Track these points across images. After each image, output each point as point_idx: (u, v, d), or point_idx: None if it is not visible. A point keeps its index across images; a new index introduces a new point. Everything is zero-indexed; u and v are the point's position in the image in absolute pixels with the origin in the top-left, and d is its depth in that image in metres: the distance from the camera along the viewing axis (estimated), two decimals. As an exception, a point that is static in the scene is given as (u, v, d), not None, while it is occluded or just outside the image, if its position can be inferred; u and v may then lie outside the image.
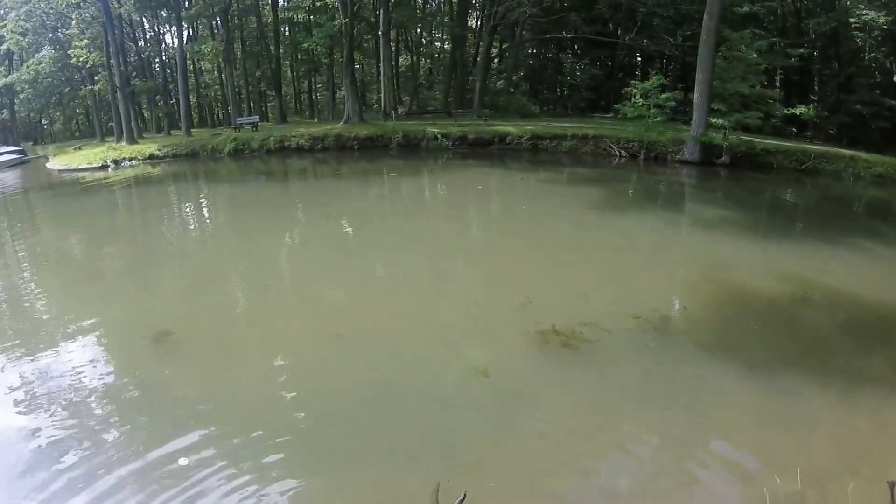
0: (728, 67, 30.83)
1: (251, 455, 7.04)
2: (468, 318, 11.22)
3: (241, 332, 11.08)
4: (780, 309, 11.82)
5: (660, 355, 9.59)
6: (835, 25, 41.00)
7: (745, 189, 27.22)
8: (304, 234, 19.72)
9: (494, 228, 19.82)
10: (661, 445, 7.43)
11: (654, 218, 20.56)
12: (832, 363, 9.68)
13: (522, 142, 36.35)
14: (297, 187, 29.87)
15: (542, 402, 8.21)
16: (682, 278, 14.04)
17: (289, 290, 13.70)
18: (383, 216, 22.26)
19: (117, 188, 31.69)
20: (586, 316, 10.53)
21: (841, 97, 40.20)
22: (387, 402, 8.19)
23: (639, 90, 32.50)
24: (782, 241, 17.74)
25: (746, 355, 9.72)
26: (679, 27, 47.75)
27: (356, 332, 10.42)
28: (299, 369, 9.31)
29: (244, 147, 40.16)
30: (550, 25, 50.57)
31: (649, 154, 32.58)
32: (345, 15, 40.48)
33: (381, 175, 32.02)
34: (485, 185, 27.34)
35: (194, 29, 59.84)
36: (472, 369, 8.81)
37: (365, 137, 38.91)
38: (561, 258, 15.36)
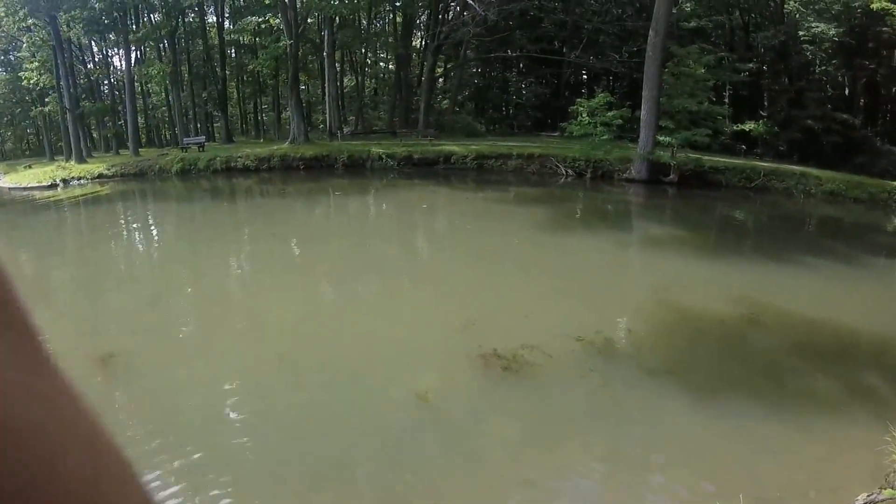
0: (676, 84, 30.36)
1: (192, 479, 6.80)
2: (411, 341, 10.91)
3: (185, 353, 10.74)
4: (728, 330, 11.55)
5: (604, 379, 9.34)
6: (784, 39, 40.58)
7: (694, 207, 26.91)
8: (249, 254, 19.47)
9: (439, 249, 19.65)
10: (604, 472, 7.30)
11: (600, 237, 20.30)
12: (782, 386, 9.50)
13: (468, 161, 35.94)
14: (243, 207, 29.65)
15: (483, 429, 8.03)
16: (629, 299, 13.72)
17: (233, 311, 13.38)
18: (328, 235, 21.92)
19: (66, 207, 31.54)
20: (529, 338, 10.11)
21: (791, 112, 39.53)
22: (327, 428, 7.97)
23: (585, 108, 31.99)
24: (731, 261, 17.45)
25: (694, 379, 9.51)
26: (625, 43, 47.73)
27: (299, 353, 10.23)
28: (242, 391, 9.09)
29: (191, 167, 40.11)
30: (495, 44, 50.19)
31: (596, 173, 32.21)
32: (290, 36, 40.20)
33: (327, 194, 31.74)
34: (430, 205, 27.13)
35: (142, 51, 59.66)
36: (414, 394, 8.53)
37: (311, 157, 38.70)
38: (505, 279, 15.13)
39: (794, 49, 41.47)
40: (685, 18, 40.78)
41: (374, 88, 64.52)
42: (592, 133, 31.12)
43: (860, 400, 8.93)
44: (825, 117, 37.78)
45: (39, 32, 48.58)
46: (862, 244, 21.06)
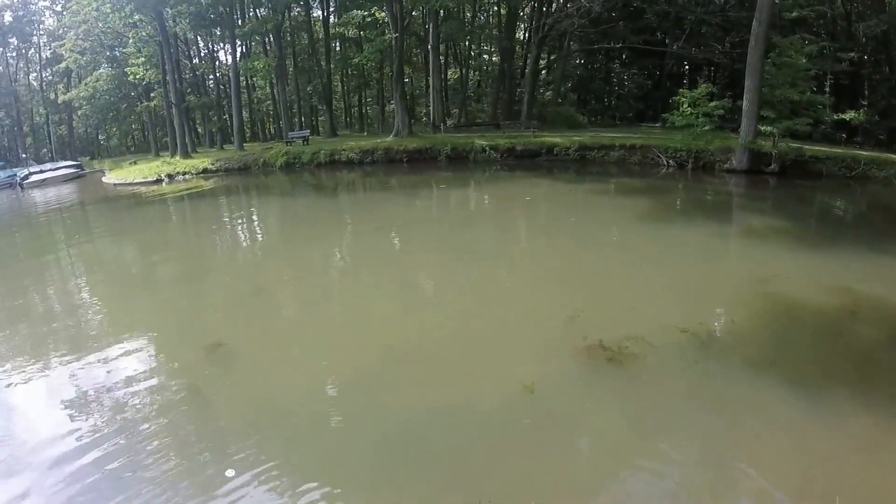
0: (777, 74, 30.53)
1: (297, 471, 7.22)
2: (515, 332, 11.23)
3: (288, 345, 11.27)
4: (829, 322, 11.59)
5: (706, 372, 9.47)
6: (886, 28, 40.06)
7: (794, 198, 26.99)
8: (352, 247, 20.03)
9: (542, 240, 19.88)
10: (697, 468, 7.35)
11: (701, 228, 20.46)
12: (881, 383, 9.26)
13: (570, 153, 36.58)
14: (346, 200, 30.37)
15: (584, 421, 8.21)
16: (731, 291, 13.67)
17: (337, 303, 13.92)
18: (431, 228, 22.59)
19: (171, 201, 32.87)
20: (633, 330, 10.52)
21: (892, 101, 39.47)
22: (432, 419, 8.21)
23: (687, 99, 32.45)
24: (831, 251, 17.46)
25: (793, 372, 9.49)
26: (727, 34, 47.46)
27: (404, 346, 10.54)
28: (346, 384, 9.41)
29: (295, 161, 41.13)
30: (598, 36, 50.66)
31: (697, 163, 32.62)
32: (395, 30, 41.10)
33: (430, 187, 32.40)
34: (532, 197, 27.43)
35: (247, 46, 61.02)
36: (519, 385, 8.78)
37: (414, 150, 39.55)
38: (608, 270, 15.40)
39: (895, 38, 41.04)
40: (788, 8, 40.33)
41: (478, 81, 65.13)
42: (694, 123, 31.61)
43: None
44: (926, 106, 37.35)
45: (146, 28, 50.75)
46: None
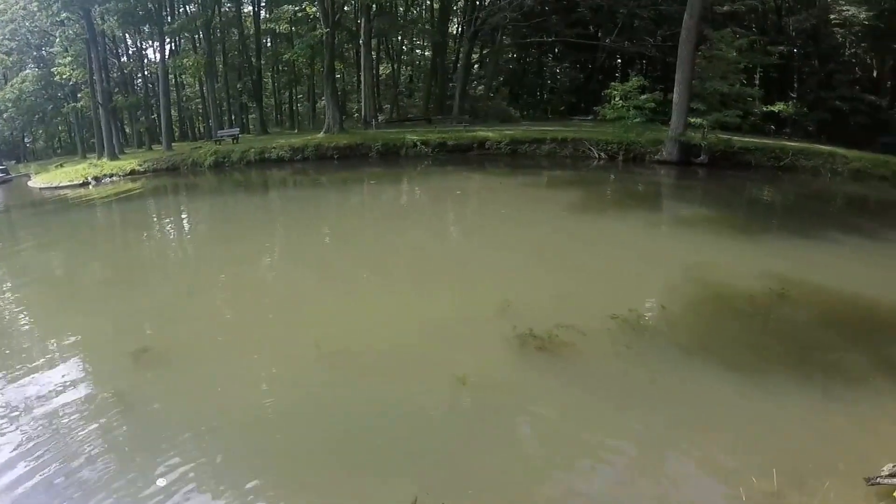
0: (708, 66, 30.90)
1: (232, 474, 6.97)
2: (447, 325, 11.09)
3: (219, 346, 10.90)
4: (758, 306, 11.83)
5: (638, 356, 9.51)
6: (815, 22, 41.01)
7: (724, 187, 27.26)
8: (283, 245, 19.62)
9: (473, 233, 19.74)
10: (640, 448, 7.41)
11: (632, 218, 20.51)
12: (811, 360, 9.62)
13: (502, 147, 36.41)
14: (276, 198, 29.79)
15: (520, 409, 8.17)
16: (661, 278, 13.83)
17: (269, 302, 13.51)
18: (362, 224, 22.17)
19: (98, 204, 31.67)
20: (564, 318, 10.42)
21: (821, 94, 40.19)
22: (366, 417, 8.07)
23: (618, 92, 32.51)
24: (760, 238, 17.76)
25: (725, 354, 9.69)
26: (659, 27, 47.82)
27: (335, 341, 10.30)
28: (279, 384, 9.21)
29: (225, 160, 40.27)
30: (531, 30, 50.57)
31: (628, 155, 32.73)
32: (326, 25, 40.48)
33: (361, 183, 31.98)
34: (464, 191, 27.26)
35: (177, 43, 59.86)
36: (452, 378, 8.66)
37: (345, 147, 38.92)
38: (539, 261, 15.29)
39: (824, 32, 41.78)
40: (719, 2, 40.92)
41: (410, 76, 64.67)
42: (625, 116, 31.70)
43: (887, 372, 9.15)
44: (853, 98, 38.37)
45: (73, 26, 48.62)
46: (888, 220, 21.32)
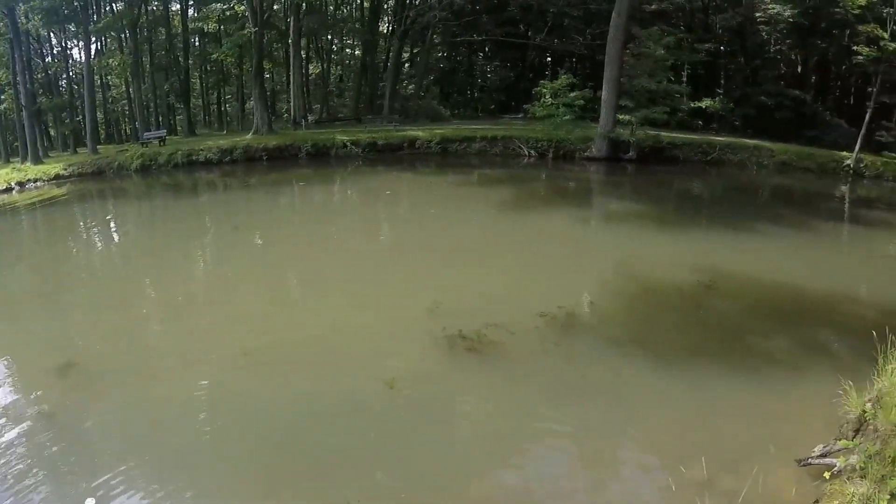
0: (636, 64, 31.09)
1: (164, 483, 6.76)
2: (376, 328, 11.05)
3: (149, 357, 10.46)
4: (688, 298, 12.02)
5: (568, 353, 9.54)
6: (741, 20, 41.49)
7: (653, 182, 27.50)
8: (212, 250, 19.10)
9: (403, 234, 19.53)
10: (572, 445, 7.55)
11: (562, 215, 20.51)
12: (740, 348, 9.86)
13: (432, 146, 35.92)
14: (205, 202, 28.97)
15: (450, 411, 8.24)
16: (591, 274, 13.97)
17: (199, 309, 13.18)
18: (292, 226, 21.72)
19: (22, 211, 30.25)
20: (493, 317, 10.38)
21: (746, 89, 40.68)
22: (296, 420, 7.97)
23: (548, 90, 32.48)
24: (689, 231, 18.08)
25: (655, 346, 9.84)
26: (589, 26, 47.93)
27: (265, 348, 10.11)
28: (209, 392, 8.95)
29: (151, 163, 38.84)
30: (461, 28, 50.26)
31: (558, 152, 32.63)
32: (254, 24, 39.47)
33: (291, 185, 31.39)
34: (394, 191, 26.99)
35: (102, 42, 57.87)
36: (380, 381, 8.53)
37: (274, 148, 37.99)
38: (469, 260, 15.21)
39: (750, 30, 42.31)
40: (647, 1, 41.16)
41: (340, 75, 63.44)
42: (555, 114, 31.62)
43: (814, 356, 9.45)
44: (778, 94, 38.83)
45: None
46: (812, 210, 21.99)
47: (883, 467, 5.43)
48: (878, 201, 26.04)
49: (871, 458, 5.65)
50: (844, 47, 38.49)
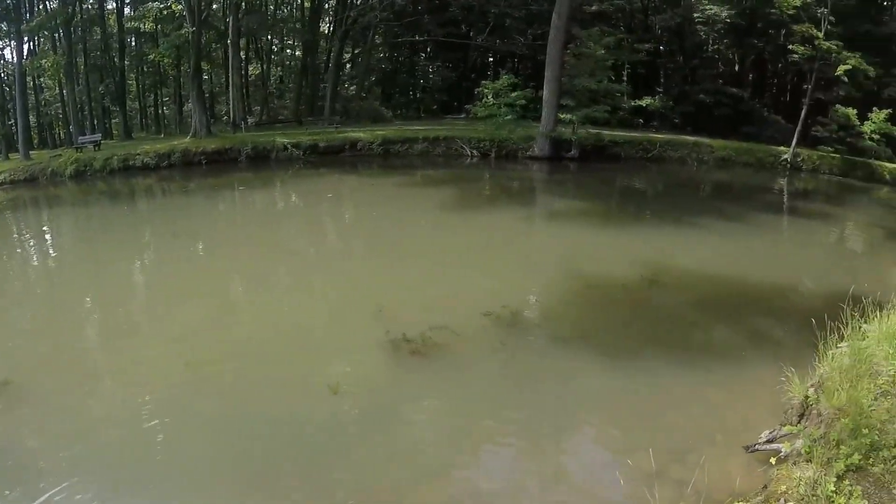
0: (577, 64, 31.21)
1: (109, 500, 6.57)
2: (320, 333, 10.94)
3: (89, 372, 9.97)
4: (632, 293, 12.08)
5: (514, 352, 9.53)
6: (680, 21, 42.29)
7: (595, 180, 27.62)
8: (152, 259, 18.38)
9: (346, 237, 19.29)
10: (520, 442, 7.52)
11: (505, 214, 20.47)
12: (685, 340, 10.04)
13: (374, 147, 35.39)
14: (143, 208, 27.99)
15: (395, 414, 8.08)
16: (535, 272, 14.03)
17: (139, 321, 12.65)
18: (233, 232, 21.14)
19: None
20: (437, 319, 10.23)
21: (686, 88, 41.44)
22: (241, 431, 7.73)
23: (490, 90, 32.42)
24: (632, 228, 18.21)
25: (601, 341, 9.93)
26: (530, 26, 48.04)
27: (207, 357, 9.80)
28: (150, 405, 8.52)
29: (86, 168, 37.49)
30: (403, 29, 50.01)
31: (501, 152, 32.57)
32: (192, 23, 38.47)
33: (231, 189, 30.47)
34: (336, 194, 26.64)
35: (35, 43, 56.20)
36: (325, 387, 8.36)
37: (213, 151, 36.99)
38: (413, 262, 15.04)
39: (688, 30, 43.13)
40: (588, 2, 41.68)
41: (280, 76, 62.60)
42: (497, 114, 31.53)
43: (756, 345, 9.65)
44: (717, 91, 39.66)
45: None
46: (751, 204, 22.33)
47: (828, 450, 5.51)
48: (815, 193, 26.87)
49: (816, 442, 5.73)
50: (780, 46, 39.44)
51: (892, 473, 5.11)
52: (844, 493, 4.94)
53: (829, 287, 12.05)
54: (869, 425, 5.64)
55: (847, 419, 5.80)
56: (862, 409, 5.88)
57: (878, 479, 5.08)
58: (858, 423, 5.67)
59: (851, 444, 5.45)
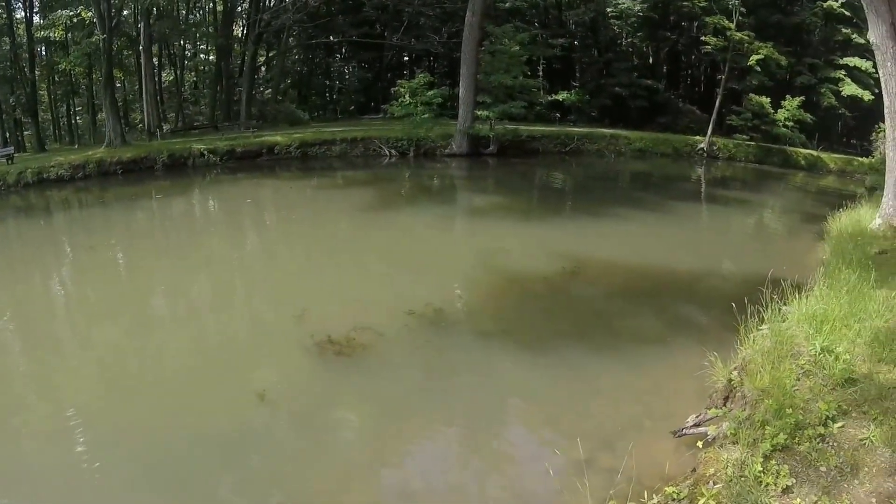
0: (492, 61, 31.17)
1: None
2: (244, 340, 10.79)
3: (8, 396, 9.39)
4: (554, 285, 12.18)
5: (438, 349, 9.56)
6: (594, 15, 43.17)
7: (514, 175, 27.70)
8: (70, 274, 17.57)
9: (267, 242, 18.86)
10: (448, 440, 7.57)
11: (426, 212, 20.46)
12: (608, 329, 10.19)
13: (292, 150, 34.83)
14: (59, 221, 26.81)
15: (323, 417, 7.99)
16: (458, 269, 13.99)
17: (58, 340, 11.97)
18: (152, 242, 20.37)
19: None
20: (361, 320, 10.21)
21: (601, 81, 42.09)
22: (170, 445, 7.43)
23: (406, 89, 32.18)
24: (552, 221, 18.35)
25: (525, 334, 9.99)
26: (445, 25, 48.06)
27: (131, 374, 9.55)
28: (78, 427, 8.10)
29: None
30: (317, 30, 49.22)
31: (419, 151, 32.45)
32: (103, 30, 37.30)
33: (149, 198, 29.36)
34: (255, 199, 25.96)
35: (-58, 54, 54.08)
36: (251, 394, 8.20)
37: (129, 160, 36.02)
38: (335, 264, 14.96)
39: (602, 24, 44.05)
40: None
41: (195, 82, 61.50)
42: (414, 112, 31.35)
43: (679, 331, 9.76)
44: (632, 84, 40.41)
45: None
46: (669, 193, 22.72)
47: (754, 432, 5.61)
48: (732, 180, 27.46)
49: (742, 423, 5.85)
50: (694, 38, 40.66)
51: (817, 451, 5.18)
52: (772, 473, 4.99)
53: (748, 272, 12.10)
54: (792, 405, 5.78)
55: (771, 400, 5.92)
56: (785, 390, 6.04)
57: (804, 458, 5.15)
58: (782, 403, 5.81)
59: (776, 424, 5.55)
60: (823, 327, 7.12)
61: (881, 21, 12.69)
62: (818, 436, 5.33)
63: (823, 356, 6.50)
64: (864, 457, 5.04)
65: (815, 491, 4.75)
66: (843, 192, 22.95)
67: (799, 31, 38.36)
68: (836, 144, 38.16)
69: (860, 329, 7.10)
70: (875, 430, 5.27)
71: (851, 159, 32.44)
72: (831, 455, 5.09)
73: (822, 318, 7.32)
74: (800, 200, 24.08)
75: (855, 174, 29.96)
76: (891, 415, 5.49)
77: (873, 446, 5.13)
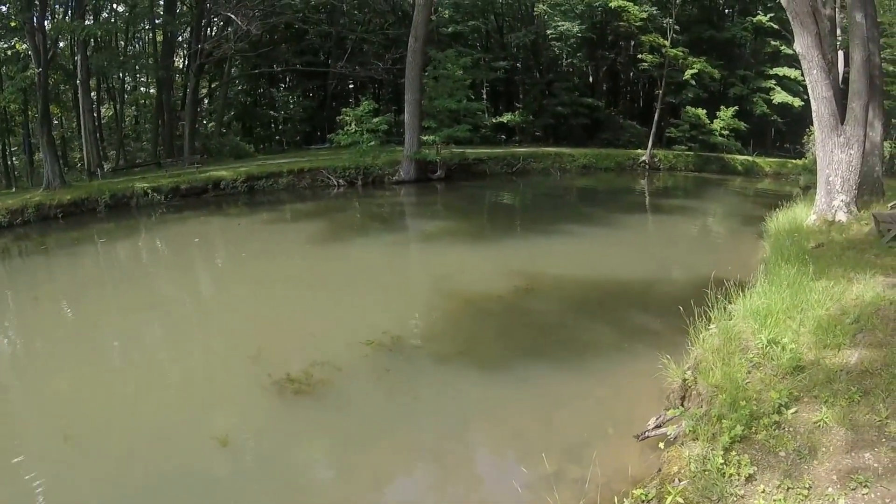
0: (436, 86, 31.45)
1: None
2: (201, 384, 10.45)
3: None
4: (508, 304, 12.24)
5: (398, 377, 9.45)
6: (534, 38, 43.97)
7: (463, 198, 27.85)
8: (13, 327, 16.73)
9: (217, 282, 18.53)
10: (413, 468, 7.53)
11: (377, 241, 20.40)
12: (564, 342, 10.26)
13: (238, 185, 34.17)
14: None
15: (288, 458, 7.74)
16: (412, 295, 13.94)
17: (7, 395, 11.51)
18: (99, 289, 19.55)
19: None
20: (318, 355, 10.03)
21: (543, 102, 42.88)
22: (130, 495, 7.20)
23: (352, 117, 32.06)
24: (503, 241, 18.44)
25: (481, 355, 10.01)
26: (388, 51, 48.16)
27: (84, 425, 9.10)
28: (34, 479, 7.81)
29: (-69, 232, 35.35)
30: (260, 60, 48.79)
31: (367, 179, 32.41)
32: (38, 64, 36.30)
33: (92, 242, 28.59)
34: (203, 237, 25.37)
35: None
36: (213, 440, 7.92)
37: (69, 203, 34.92)
38: (288, 300, 14.61)
39: (543, 46, 44.98)
40: (444, 24, 42.41)
41: (136, 117, 60.22)
42: (360, 140, 31.30)
43: (634, 339, 9.99)
44: (573, 103, 41.30)
45: None
46: (615, 206, 23.24)
47: (711, 426, 5.77)
48: (673, 189, 28.25)
49: (700, 420, 6.00)
50: (631, 56, 41.78)
51: (775, 438, 5.36)
52: (733, 464, 5.12)
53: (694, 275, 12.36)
54: (746, 397, 5.97)
55: (725, 395, 6.11)
56: (737, 384, 6.23)
57: (762, 445, 5.31)
58: (736, 396, 5.99)
59: (732, 416, 5.71)
60: (768, 321, 7.38)
61: (806, 32, 13.48)
62: (774, 423, 5.53)
63: (771, 348, 6.77)
64: (820, 438, 5.24)
65: (777, 475, 4.89)
66: (780, 192, 23.90)
67: (731, 45, 39.89)
68: (771, 149, 39.95)
69: (803, 319, 7.44)
70: (827, 412, 5.49)
71: (785, 162, 34.13)
72: (788, 440, 5.29)
73: (766, 312, 7.58)
74: (739, 204, 24.89)
75: (790, 175, 31.41)
76: (841, 395, 5.73)
77: (828, 427, 5.34)
